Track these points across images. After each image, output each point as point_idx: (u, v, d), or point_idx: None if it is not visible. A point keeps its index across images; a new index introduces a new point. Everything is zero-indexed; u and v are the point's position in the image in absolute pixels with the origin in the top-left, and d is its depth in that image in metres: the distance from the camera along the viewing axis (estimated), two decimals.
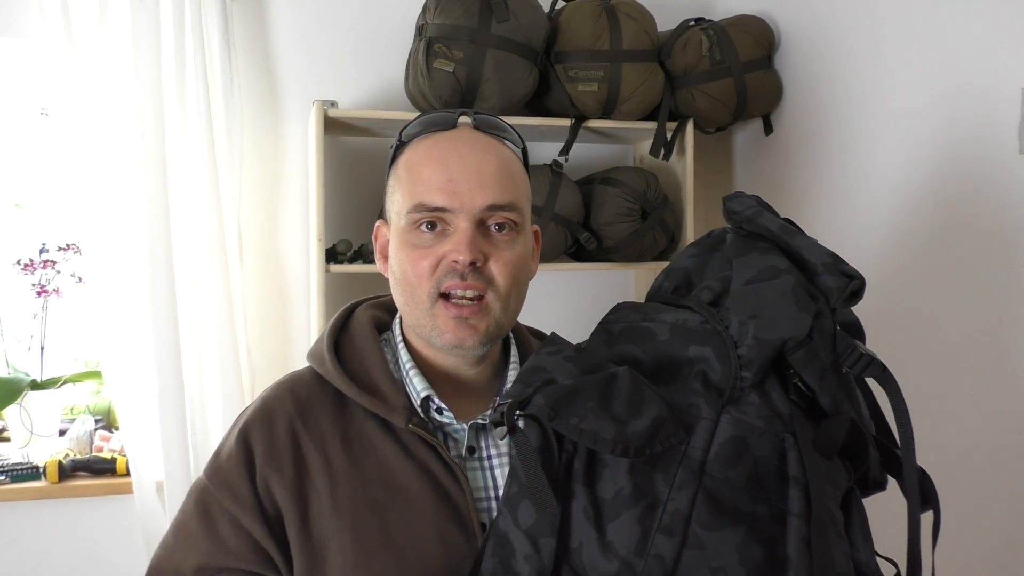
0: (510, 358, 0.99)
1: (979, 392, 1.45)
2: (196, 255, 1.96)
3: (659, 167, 2.16)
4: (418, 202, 0.89)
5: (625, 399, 0.71)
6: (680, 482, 0.71)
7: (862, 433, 0.76)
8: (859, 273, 0.78)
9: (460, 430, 0.93)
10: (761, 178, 2.16)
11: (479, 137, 0.93)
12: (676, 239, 2.11)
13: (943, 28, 1.53)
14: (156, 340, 1.91)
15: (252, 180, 2.09)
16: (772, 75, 2.05)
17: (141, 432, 1.95)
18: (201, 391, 1.98)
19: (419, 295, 0.90)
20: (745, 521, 0.70)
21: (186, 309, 1.96)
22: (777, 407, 0.73)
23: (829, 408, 0.75)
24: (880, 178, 1.70)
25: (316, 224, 1.87)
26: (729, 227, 0.87)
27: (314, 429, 0.92)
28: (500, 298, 0.90)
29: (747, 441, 0.71)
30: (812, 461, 0.70)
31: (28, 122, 2.20)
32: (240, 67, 2.04)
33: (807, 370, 0.74)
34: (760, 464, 0.72)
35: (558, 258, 2.09)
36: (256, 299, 2.10)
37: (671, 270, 0.89)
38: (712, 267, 0.86)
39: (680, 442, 0.71)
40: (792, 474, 0.71)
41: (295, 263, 2.14)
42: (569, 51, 1.96)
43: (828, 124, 1.88)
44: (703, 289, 0.83)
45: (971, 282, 1.47)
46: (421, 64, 1.87)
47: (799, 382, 0.76)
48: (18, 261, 2.12)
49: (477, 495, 0.91)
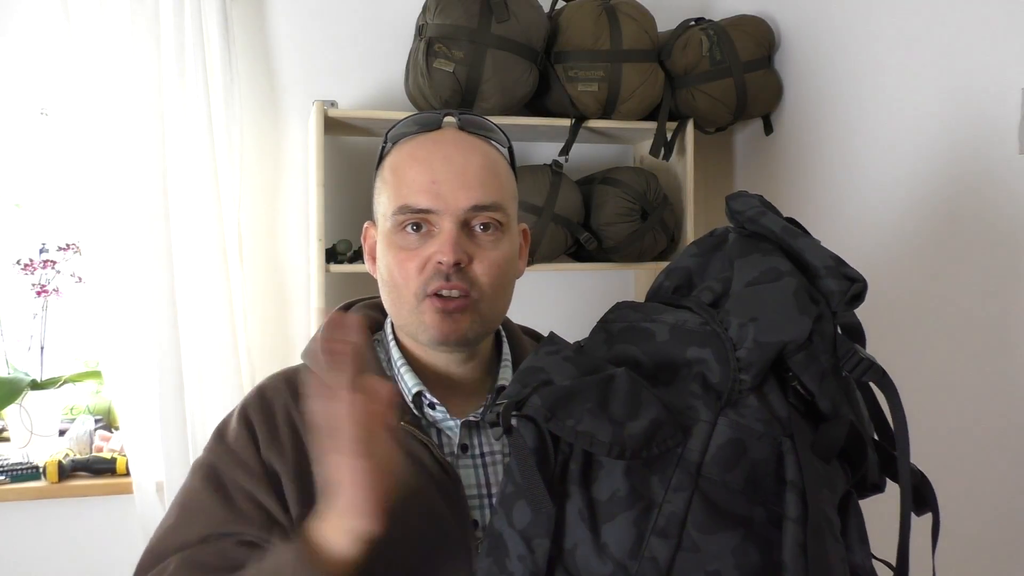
0: (502, 355, 1.00)
1: (978, 391, 1.44)
2: (196, 255, 1.96)
3: (659, 167, 2.16)
4: (403, 204, 0.90)
5: (623, 401, 0.71)
6: (676, 484, 0.70)
7: (861, 436, 0.76)
8: (861, 276, 0.77)
9: (453, 426, 0.94)
10: (761, 178, 2.16)
11: (464, 138, 0.93)
12: (676, 239, 2.11)
13: (943, 28, 1.53)
14: (156, 340, 1.92)
15: (252, 180, 2.09)
16: (772, 75, 2.05)
17: (141, 432, 1.95)
18: (201, 391, 1.98)
19: (406, 295, 0.91)
20: (741, 524, 0.70)
21: (186, 309, 1.96)
22: (775, 410, 0.73)
23: (828, 411, 0.75)
24: (880, 178, 1.70)
25: (316, 224, 1.87)
26: (731, 227, 0.87)
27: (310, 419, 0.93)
28: (485, 298, 0.90)
29: (745, 444, 0.71)
30: (810, 465, 0.70)
31: (28, 122, 2.20)
32: (240, 67, 2.04)
33: (807, 373, 0.74)
34: (757, 467, 0.71)
35: (558, 258, 2.09)
36: (256, 299, 2.10)
37: (672, 269, 0.89)
38: (713, 267, 0.86)
39: (677, 444, 0.71)
40: (789, 478, 0.70)
41: (295, 263, 2.13)
42: (569, 51, 1.96)
43: (828, 124, 1.88)
44: (704, 290, 0.82)
45: (971, 282, 1.46)
46: (421, 64, 1.86)
47: (798, 385, 0.75)
48: (18, 261, 2.12)
49: (469, 492, 0.91)
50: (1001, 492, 1.39)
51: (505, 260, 0.92)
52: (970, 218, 1.46)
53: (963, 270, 1.48)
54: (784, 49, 2.06)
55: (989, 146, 1.43)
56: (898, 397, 0.75)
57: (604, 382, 0.73)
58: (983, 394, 1.44)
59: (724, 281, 0.81)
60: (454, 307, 0.89)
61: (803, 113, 1.99)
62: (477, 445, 0.94)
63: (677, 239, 2.11)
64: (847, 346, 0.75)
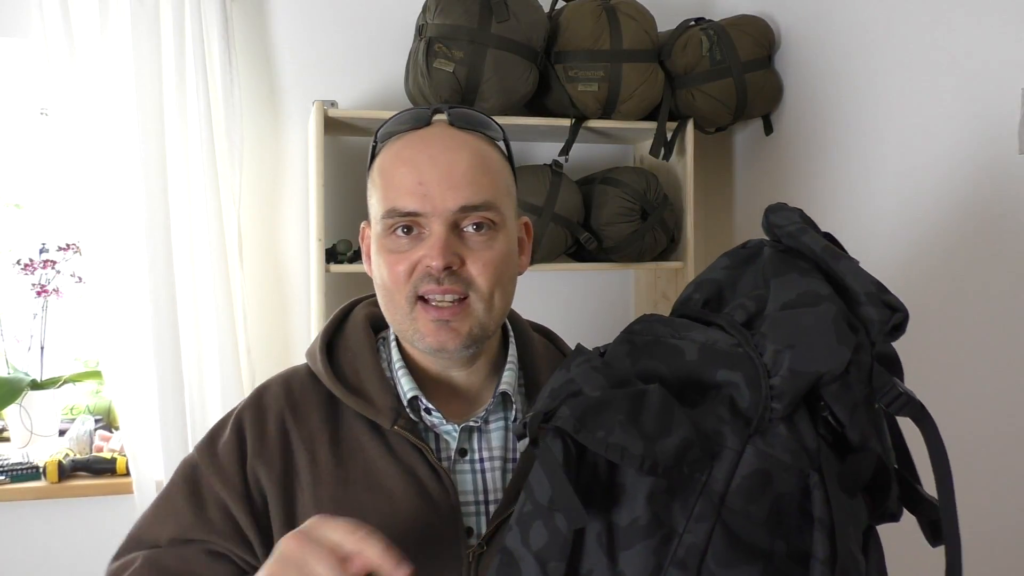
0: (508, 357, 0.97)
1: (979, 391, 1.44)
2: (196, 255, 1.96)
3: (659, 167, 2.16)
4: (390, 207, 0.87)
5: (655, 416, 0.68)
6: (698, 514, 0.68)
7: (887, 470, 0.73)
8: (903, 306, 0.74)
9: (451, 431, 0.92)
10: (761, 178, 2.16)
11: (453, 135, 0.90)
12: (676, 239, 2.11)
13: (943, 28, 1.53)
14: (156, 340, 1.91)
15: (252, 180, 2.09)
16: (772, 75, 2.05)
17: (141, 432, 1.95)
18: (201, 391, 1.98)
19: (398, 300, 0.88)
20: (761, 558, 0.67)
21: (186, 309, 1.96)
22: (805, 440, 0.69)
23: (856, 443, 0.71)
24: (880, 178, 1.70)
25: (316, 224, 1.87)
26: (766, 240, 0.82)
27: (304, 426, 0.92)
28: (482, 299, 0.87)
29: (771, 475, 0.68)
30: (839, 503, 0.67)
31: (28, 122, 2.20)
32: (240, 67, 2.04)
33: (839, 404, 0.70)
34: (782, 499, 0.68)
35: (558, 258, 2.09)
36: (256, 299, 2.10)
37: (702, 281, 0.83)
38: (746, 282, 0.81)
39: (703, 469, 0.68)
40: (817, 515, 0.67)
41: (295, 263, 2.14)
42: (569, 51, 1.96)
43: (828, 124, 1.88)
44: (736, 307, 0.78)
45: (971, 282, 1.46)
46: (421, 64, 1.86)
47: (829, 415, 0.71)
48: (18, 261, 2.12)
49: (465, 499, 0.90)
50: (1013, 488, 1.39)
51: (501, 259, 0.88)
52: (969, 217, 1.46)
53: (962, 269, 1.48)
54: (784, 49, 2.06)
55: (989, 146, 1.43)
56: (938, 434, 0.71)
57: (637, 396, 0.69)
58: (982, 393, 1.44)
59: (758, 299, 0.77)
60: (449, 315, 0.86)
61: (803, 113, 1.99)
62: (477, 450, 0.93)
63: (677, 239, 2.11)
64: (885, 379, 0.71)
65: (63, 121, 1.88)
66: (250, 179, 2.08)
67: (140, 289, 1.93)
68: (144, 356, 1.95)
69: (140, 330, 1.95)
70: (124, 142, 1.92)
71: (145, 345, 1.94)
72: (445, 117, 0.92)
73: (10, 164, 2.22)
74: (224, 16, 1.96)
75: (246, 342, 2.02)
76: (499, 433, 0.94)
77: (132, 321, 1.95)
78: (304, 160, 2.12)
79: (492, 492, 0.91)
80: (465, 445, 0.93)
